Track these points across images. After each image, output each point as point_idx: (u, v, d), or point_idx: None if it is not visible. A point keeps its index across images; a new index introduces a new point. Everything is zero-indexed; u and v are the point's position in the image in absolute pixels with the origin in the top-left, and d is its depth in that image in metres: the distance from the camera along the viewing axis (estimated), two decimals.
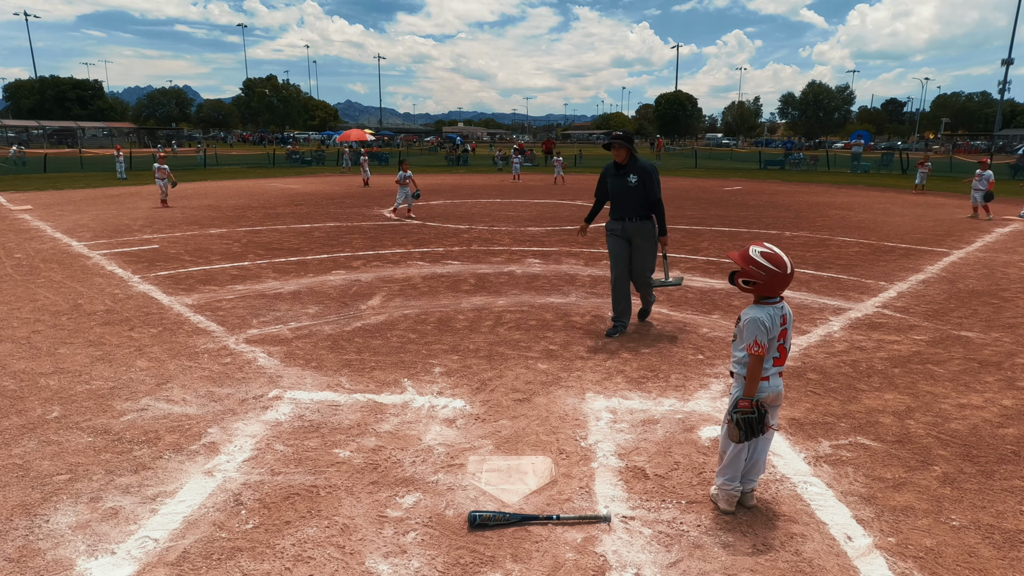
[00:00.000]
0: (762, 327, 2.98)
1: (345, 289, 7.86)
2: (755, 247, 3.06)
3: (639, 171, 5.72)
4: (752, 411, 2.97)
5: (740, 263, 3.05)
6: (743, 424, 2.98)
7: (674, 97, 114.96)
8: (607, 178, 5.97)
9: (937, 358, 5.52)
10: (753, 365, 2.99)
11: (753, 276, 3.01)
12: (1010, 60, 63.02)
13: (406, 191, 14.95)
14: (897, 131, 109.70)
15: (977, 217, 15.60)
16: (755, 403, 2.99)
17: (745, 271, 3.03)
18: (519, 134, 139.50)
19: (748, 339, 2.99)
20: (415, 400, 4.57)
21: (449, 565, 2.82)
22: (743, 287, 3.08)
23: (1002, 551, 2.94)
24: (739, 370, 3.10)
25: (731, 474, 3.18)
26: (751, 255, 3.03)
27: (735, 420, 3.00)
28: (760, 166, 40.02)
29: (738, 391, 3.10)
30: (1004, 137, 70.22)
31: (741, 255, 3.07)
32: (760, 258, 3.01)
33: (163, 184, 16.88)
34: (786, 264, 3.00)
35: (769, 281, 3.00)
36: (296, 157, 40.83)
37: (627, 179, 5.73)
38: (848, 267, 9.38)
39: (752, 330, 2.98)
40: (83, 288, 7.74)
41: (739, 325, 3.10)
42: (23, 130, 71.54)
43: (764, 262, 3.00)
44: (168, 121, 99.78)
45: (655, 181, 5.75)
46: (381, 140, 63.91)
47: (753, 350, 2.97)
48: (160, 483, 3.45)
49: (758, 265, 3.00)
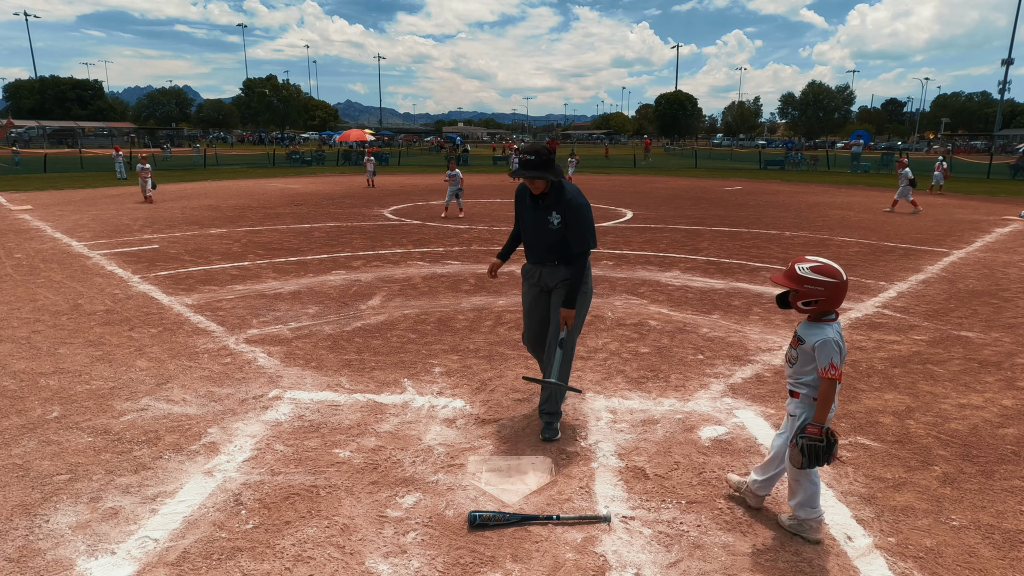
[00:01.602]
0: (836, 348, 2.80)
1: (345, 289, 7.86)
2: (801, 264, 2.87)
3: (564, 209, 3.88)
4: (820, 439, 2.76)
5: (793, 285, 2.85)
6: (808, 451, 2.77)
7: (674, 97, 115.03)
8: (522, 206, 4.21)
9: (937, 358, 5.52)
10: (828, 389, 2.79)
11: (813, 295, 2.82)
12: (1010, 60, 63.07)
13: (454, 189, 14.97)
14: (897, 131, 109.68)
15: (893, 211, 16.53)
16: (825, 430, 2.78)
17: (803, 292, 2.83)
18: (519, 134, 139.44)
19: (823, 362, 2.79)
20: (415, 400, 4.57)
21: (449, 565, 2.82)
22: (803, 309, 2.88)
23: (1002, 551, 2.94)
24: (808, 392, 2.91)
25: (803, 497, 2.96)
26: (802, 274, 2.84)
27: (800, 445, 2.79)
28: (760, 166, 40.02)
29: (800, 411, 2.92)
30: (1004, 137, 70.20)
31: (789, 276, 2.88)
32: (813, 274, 2.82)
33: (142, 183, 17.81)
34: (840, 272, 2.84)
35: (831, 295, 2.82)
36: (296, 157, 40.83)
37: (547, 216, 3.95)
38: (848, 267, 9.33)
39: (828, 352, 2.79)
40: (83, 288, 7.74)
41: (802, 347, 2.89)
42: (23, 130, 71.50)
43: (819, 277, 2.81)
44: (168, 121, 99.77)
45: (584, 225, 3.88)
46: (381, 140, 63.85)
47: (830, 374, 2.77)
48: (160, 483, 3.45)
49: (814, 282, 2.81)
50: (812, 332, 2.88)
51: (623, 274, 8.80)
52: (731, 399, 4.63)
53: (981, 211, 16.98)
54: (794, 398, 2.98)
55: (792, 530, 3.05)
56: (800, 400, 2.95)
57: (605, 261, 9.72)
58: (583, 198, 3.94)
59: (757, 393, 4.74)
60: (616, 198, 19.83)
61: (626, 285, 8.14)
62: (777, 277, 2.94)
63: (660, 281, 8.37)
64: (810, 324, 2.92)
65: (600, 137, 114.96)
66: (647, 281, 8.37)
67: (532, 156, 3.83)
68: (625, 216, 15.43)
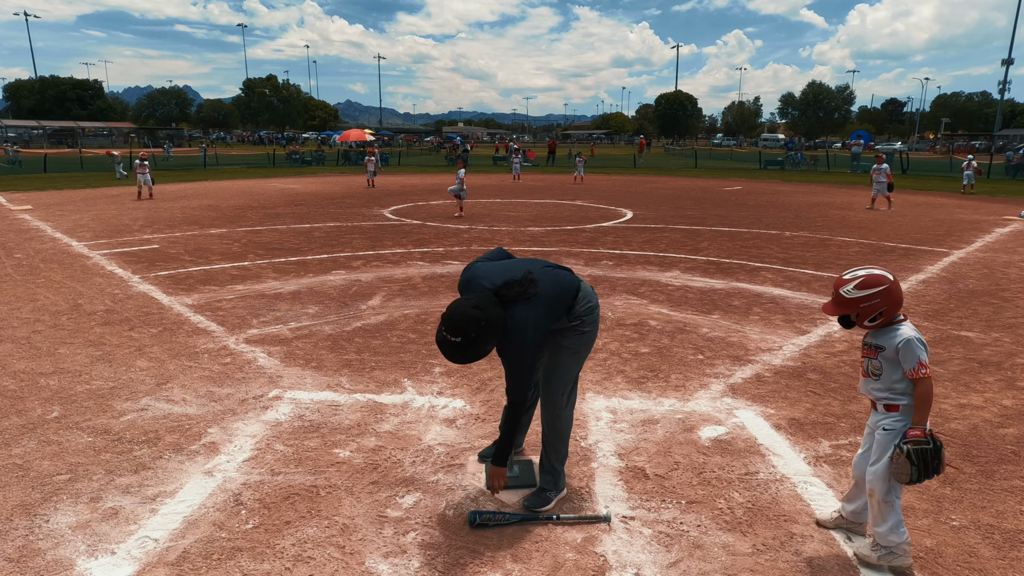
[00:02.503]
0: (920, 344, 2.64)
1: (345, 289, 7.86)
2: (844, 287, 2.74)
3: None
4: (927, 440, 2.57)
5: (847, 310, 2.73)
6: (916, 457, 2.56)
7: (674, 97, 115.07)
8: None
9: (937, 358, 5.52)
10: (925, 390, 2.63)
11: (874, 309, 2.69)
12: (1010, 60, 63.02)
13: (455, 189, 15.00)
14: (897, 131, 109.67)
15: (874, 208, 17.00)
16: (927, 432, 2.60)
17: (864, 312, 2.70)
18: (519, 134, 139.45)
19: (911, 363, 2.63)
20: (415, 400, 4.57)
21: (449, 565, 2.82)
22: (870, 326, 2.75)
23: (1002, 551, 2.94)
24: (893, 399, 2.72)
25: (894, 521, 2.76)
26: (851, 296, 2.71)
27: (907, 452, 2.57)
28: (760, 166, 40.02)
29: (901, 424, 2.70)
30: (1004, 137, 70.21)
31: (839, 304, 2.75)
32: (861, 291, 2.69)
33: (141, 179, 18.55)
34: (886, 275, 2.71)
35: (890, 300, 2.69)
36: (296, 157, 40.82)
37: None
38: (848, 267, 9.37)
39: (913, 351, 2.63)
40: (83, 288, 7.74)
41: (883, 354, 2.71)
42: (23, 130, 71.52)
43: (871, 290, 2.68)
44: (168, 121, 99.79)
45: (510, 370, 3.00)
46: (381, 140, 63.87)
47: (920, 373, 2.62)
48: (160, 483, 3.45)
49: (867, 298, 2.68)
50: (888, 336, 2.71)
51: (623, 274, 8.80)
52: (731, 399, 4.63)
53: (981, 211, 16.99)
54: (891, 412, 2.74)
55: (882, 561, 2.79)
56: (900, 413, 2.72)
57: (605, 261, 9.73)
58: (523, 333, 2.85)
59: (757, 393, 4.74)
60: (616, 198, 19.83)
61: (626, 285, 8.14)
62: (828, 308, 2.81)
63: (660, 281, 8.37)
64: (882, 329, 2.76)
65: (600, 137, 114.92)
66: (647, 281, 8.37)
67: (457, 338, 2.73)
68: (625, 216, 15.44)
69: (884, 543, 2.78)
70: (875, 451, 2.79)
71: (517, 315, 2.86)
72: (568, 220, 14.57)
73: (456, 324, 2.73)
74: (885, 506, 2.76)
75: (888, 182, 16.94)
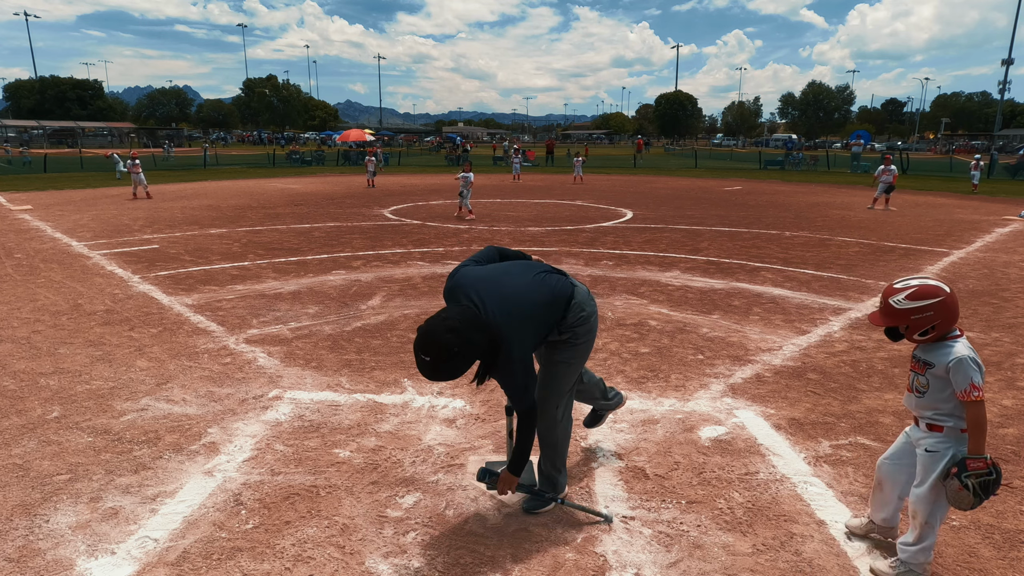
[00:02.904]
0: (974, 365, 2.49)
1: (345, 289, 7.86)
2: (894, 296, 2.58)
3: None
4: (989, 471, 2.44)
5: (896, 322, 2.59)
6: (980, 489, 2.45)
7: (674, 97, 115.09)
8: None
9: None
10: (978, 414, 2.48)
11: (926, 322, 2.54)
12: (1010, 60, 63.02)
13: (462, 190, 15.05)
14: (897, 131, 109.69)
15: (874, 208, 16.97)
16: (990, 461, 2.47)
17: (914, 324, 2.55)
18: (519, 134, 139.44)
19: (962, 384, 2.47)
20: (415, 400, 4.57)
21: (449, 565, 2.82)
22: (920, 340, 2.60)
23: (1002, 551, 2.94)
24: (954, 423, 2.57)
25: (931, 542, 2.67)
26: (901, 307, 2.56)
27: (971, 487, 2.44)
28: (760, 166, 40.03)
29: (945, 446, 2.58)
30: (1004, 137, 70.23)
31: (887, 314, 2.61)
32: (913, 301, 2.53)
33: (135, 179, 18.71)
34: (942, 287, 2.55)
35: (944, 315, 2.52)
36: (296, 157, 40.83)
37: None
38: (848, 267, 9.38)
39: (966, 372, 2.47)
40: (83, 288, 7.74)
41: (931, 371, 2.58)
42: (24, 130, 71.52)
43: (924, 302, 2.52)
44: (168, 121, 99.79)
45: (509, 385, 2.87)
46: (381, 140, 63.87)
47: (972, 396, 2.46)
48: (160, 483, 3.45)
49: (920, 309, 2.52)
50: (939, 352, 2.56)
51: (623, 274, 8.80)
52: (731, 399, 4.63)
53: (981, 211, 16.98)
54: (933, 432, 2.62)
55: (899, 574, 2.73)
56: (945, 434, 2.58)
57: (605, 261, 9.73)
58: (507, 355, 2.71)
59: (757, 393, 4.74)
60: (616, 198, 19.83)
61: (626, 285, 8.14)
62: (875, 318, 2.66)
63: (660, 281, 8.37)
64: (932, 344, 2.61)
65: (600, 137, 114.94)
66: (647, 281, 8.37)
67: (427, 358, 2.62)
68: (625, 216, 15.44)
69: (909, 559, 2.70)
70: (919, 472, 2.66)
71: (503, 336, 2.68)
72: (568, 220, 14.57)
73: (427, 345, 2.58)
74: (926, 528, 2.66)
75: (892, 183, 16.99)
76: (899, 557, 2.74)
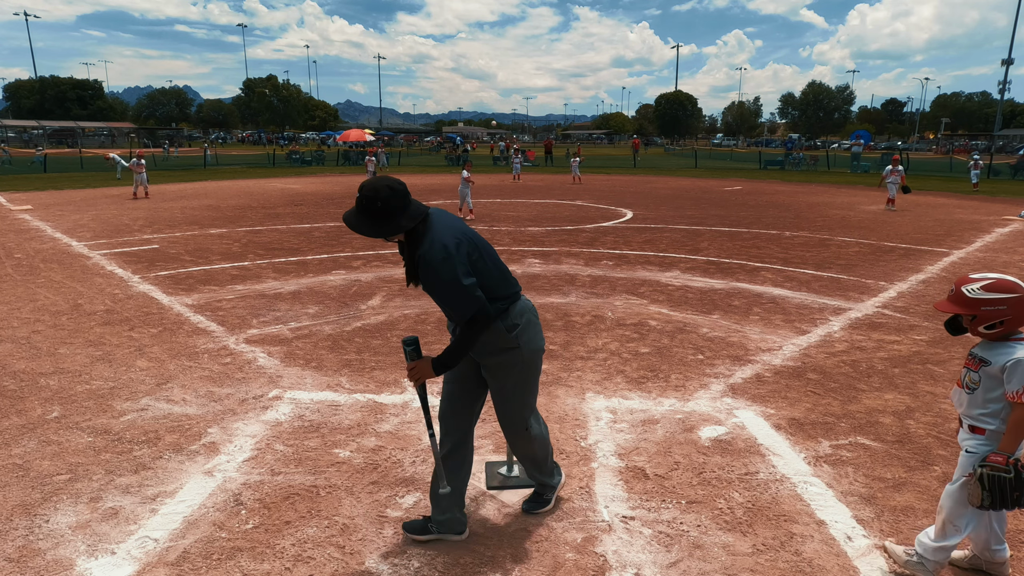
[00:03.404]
0: None
1: (345, 289, 7.86)
2: (968, 285, 2.52)
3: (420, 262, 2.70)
4: (1007, 468, 2.39)
5: (965, 310, 2.51)
6: (991, 483, 2.39)
7: (674, 97, 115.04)
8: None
9: (937, 358, 5.52)
10: (1022, 417, 2.42)
11: (996, 315, 2.46)
12: (1010, 60, 63.06)
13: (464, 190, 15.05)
14: (897, 131, 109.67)
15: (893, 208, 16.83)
16: (1012, 460, 2.41)
17: (982, 316, 2.48)
18: (519, 134, 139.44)
19: (1016, 385, 2.41)
20: (415, 400, 4.57)
21: (449, 565, 2.82)
22: (985, 333, 2.52)
23: None
24: (997, 426, 2.51)
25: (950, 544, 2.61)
26: (974, 296, 2.49)
27: (980, 475, 2.42)
28: (760, 166, 40.02)
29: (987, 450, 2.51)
30: (1004, 137, 70.23)
31: (957, 301, 2.53)
32: (988, 293, 2.47)
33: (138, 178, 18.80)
34: (1021, 284, 2.47)
35: (1018, 311, 2.45)
36: (296, 157, 40.83)
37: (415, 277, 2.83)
38: (848, 267, 9.39)
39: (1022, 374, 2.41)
40: (83, 288, 7.74)
41: (986, 368, 2.51)
42: (24, 130, 71.54)
43: (997, 295, 2.46)
44: (168, 121, 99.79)
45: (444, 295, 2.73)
46: (381, 140, 63.87)
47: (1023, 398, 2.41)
48: (160, 483, 3.45)
49: (992, 302, 2.46)
50: (1000, 351, 2.49)
51: (623, 274, 8.80)
52: (731, 399, 4.63)
53: (981, 211, 16.98)
54: (976, 434, 2.57)
55: (907, 567, 2.73)
56: (986, 437, 2.53)
57: (605, 261, 9.73)
58: (440, 251, 2.61)
59: (757, 393, 4.74)
60: (616, 198, 19.83)
61: (626, 285, 8.14)
62: (942, 304, 2.59)
63: (660, 281, 8.37)
64: (994, 343, 2.54)
65: (600, 137, 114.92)
66: (647, 281, 8.37)
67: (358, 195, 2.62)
68: (625, 216, 15.44)
69: (924, 553, 2.68)
70: (957, 470, 2.65)
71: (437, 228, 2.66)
72: (568, 220, 14.57)
73: (363, 187, 2.63)
74: (950, 527, 2.62)
75: (903, 184, 16.96)
76: (916, 549, 2.72)
